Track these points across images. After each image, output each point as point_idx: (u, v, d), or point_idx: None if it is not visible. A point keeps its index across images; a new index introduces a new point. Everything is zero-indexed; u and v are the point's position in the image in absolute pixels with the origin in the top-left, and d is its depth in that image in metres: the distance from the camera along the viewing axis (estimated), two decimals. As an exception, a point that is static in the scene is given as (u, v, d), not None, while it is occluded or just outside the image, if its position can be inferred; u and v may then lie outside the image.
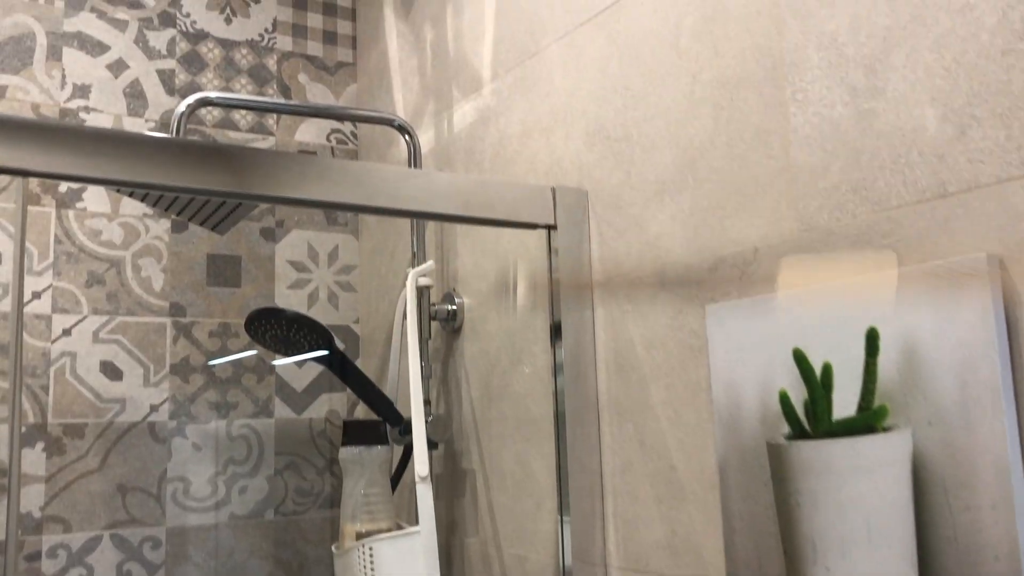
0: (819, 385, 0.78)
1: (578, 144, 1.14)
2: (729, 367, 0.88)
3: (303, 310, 1.65)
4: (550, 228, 1.10)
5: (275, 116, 1.67)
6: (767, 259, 0.87)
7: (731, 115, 0.92)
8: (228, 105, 1.28)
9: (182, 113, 1.24)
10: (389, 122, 1.43)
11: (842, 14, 0.81)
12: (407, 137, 1.43)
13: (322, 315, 1.67)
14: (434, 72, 1.51)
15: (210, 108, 1.62)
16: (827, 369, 0.78)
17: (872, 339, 0.74)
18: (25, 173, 0.79)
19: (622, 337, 1.04)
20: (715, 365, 0.90)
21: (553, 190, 1.10)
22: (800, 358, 0.79)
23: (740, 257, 0.90)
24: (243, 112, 1.65)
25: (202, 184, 0.88)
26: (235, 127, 1.64)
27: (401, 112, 1.61)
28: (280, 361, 1.65)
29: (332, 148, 1.73)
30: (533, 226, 1.09)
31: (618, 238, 1.06)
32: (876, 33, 0.78)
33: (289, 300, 1.64)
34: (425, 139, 1.52)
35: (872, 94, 0.78)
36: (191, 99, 1.25)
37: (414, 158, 1.43)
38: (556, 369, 1.09)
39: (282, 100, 1.62)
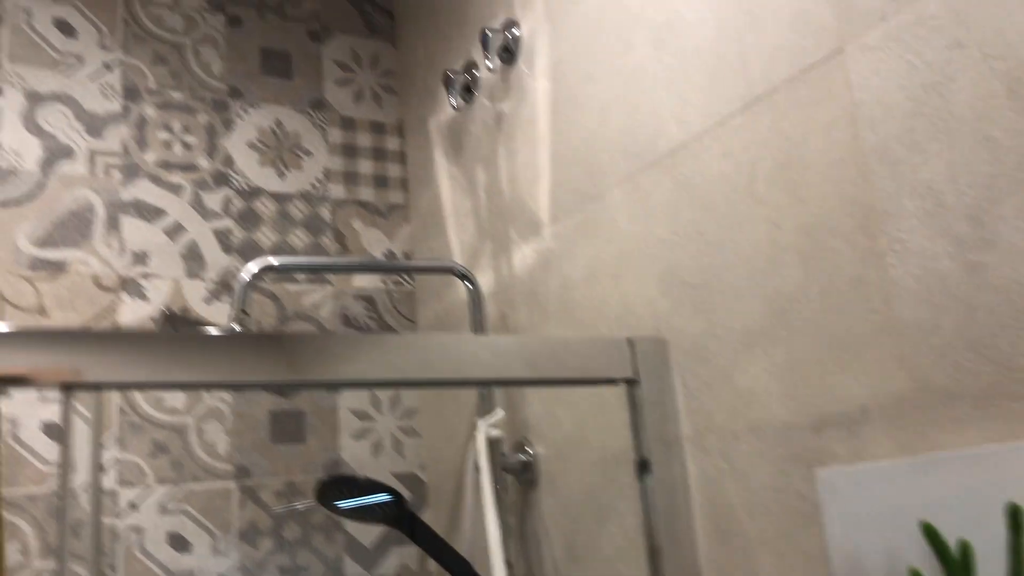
0: (958, 565, 0.71)
1: (651, 291, 1.11)
2: (848, 538, 0.82)
3: (368, 460, 1.61)
4: (630, 382, 1.05)
5: (331, 265, 1.67)
6: (879, 420, 0.81)
7: (821, 265, 0.87)
8: (290, 269, 1.26)
9: (246, 284, 1.23)
10: (449, 270, 1.41)
11: (936, 161, 0.77)
12: (468, 284, 1.40)
13: (388, 463, 1.63)
14: (490, 214, 1.49)
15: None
16: (965, 548, 0.71)
17: (1016, 516, 0.67)
18: (97, 387, 0.77)
19: (721, 499, 0.98)
20: (831, 535, 0.83)
21: (630, 341, 1.05)
22: (931, 534, 0.73)
23: (847, 416, 0.84)
24: (299, 263, 1.64)
25: (264, 377, 0.85)
26: (293, 279, 1.63)
27: (457, 253, 1.59)
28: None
29: (390, 292, 1.72)
30: (612, 382, 1.05)
31: (706, 391, 1.01)
32: (978, 182, 0.73)
33: (354, 451, 1.60)
34: (484, 281, 1.50)
35: (981, 246, 0.73)
36: (254, 267, 1.24)
37: (475, 305, 1.40)
38: (648, 530, 1.02)
39: (342, 259, 1.61)
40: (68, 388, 0.76)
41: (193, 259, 1.56)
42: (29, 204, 1.46)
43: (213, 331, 0.86)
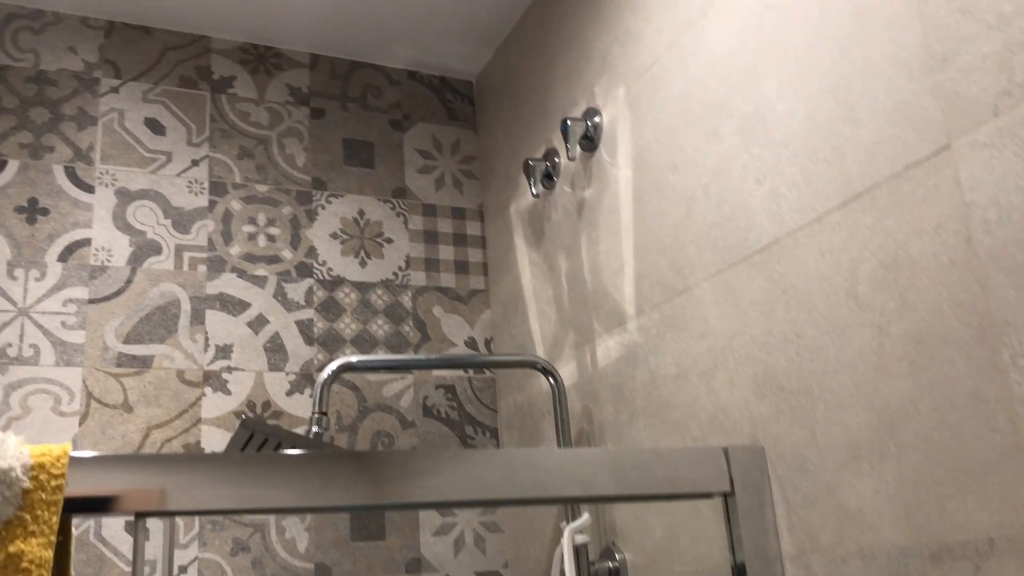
0: None
1: (746, 393, 1.04)
2: None
3: (449, 558, 1.56)
4: (726, 495, 0.99)
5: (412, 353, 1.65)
6: (1009, 555, 0.73)
7: (934, 377, 0.80)
8: (368, 368, 1.24)
9: (324, 382, 1.21)
10: (532, 365, 1.37)
11: (1064, 269, 0.70)
12: (551, 380, 1.36)
13: (470, 561, 1.57)
14: (571, 303, 1.45)
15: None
16: None
17: None
18: (173, 514, 0.74)
19: (827, 627, 0.90)
20: None
21: (725, 451, 0.99)
22: None
23: (971, 547, 0.76)
24: (380, 353, 1.63)
25: (345, 500, 0.82)
26: (374, 370, 1.61)
27: (538, 341, 1.55)
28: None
29: (471, 380, 1.68)
30: (707, 495, 0.98)
31: (809, 506, 0.94)
32: (1115, 294, 0.66)
33: (435, 548, 1.56)
34: (566, 372, 1.45)
35: (1123, 366, 0.66)
36: (333, 366, 1.23)
37: (558, 401, 1.36)
38: (748, 655, 0.95)
39: (420, 356, 1.59)
40: (140, 516, 0.74)
41: (275, 351, 1.56)
42: (117, 300, 1.48)
43: (292, 452, 0.83)
